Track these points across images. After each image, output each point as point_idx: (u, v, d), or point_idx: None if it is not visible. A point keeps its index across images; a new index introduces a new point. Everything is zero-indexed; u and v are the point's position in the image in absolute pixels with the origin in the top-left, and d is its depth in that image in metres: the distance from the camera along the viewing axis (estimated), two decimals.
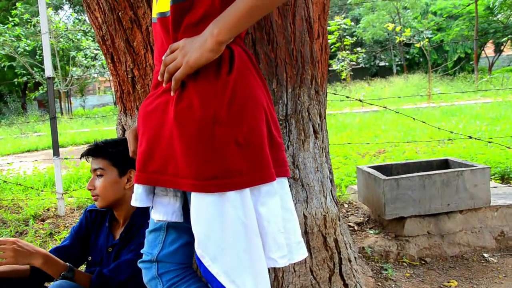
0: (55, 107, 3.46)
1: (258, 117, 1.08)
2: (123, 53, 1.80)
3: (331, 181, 1.93)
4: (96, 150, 1.67)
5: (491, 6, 19.33)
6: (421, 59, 26.34)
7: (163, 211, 1.18)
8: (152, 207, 1.21)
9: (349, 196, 3.30)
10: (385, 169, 2.97)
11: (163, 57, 1.10)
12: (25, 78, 16.65)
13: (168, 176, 1.09)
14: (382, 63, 28.42)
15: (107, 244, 1.75)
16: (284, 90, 1.68)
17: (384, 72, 27.02)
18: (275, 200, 1.11)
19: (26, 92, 25.33)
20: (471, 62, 24.91)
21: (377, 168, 2.93)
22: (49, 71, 3.46)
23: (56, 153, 3.57)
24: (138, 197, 1.16)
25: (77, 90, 27.65)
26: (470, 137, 2.96)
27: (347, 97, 3.14)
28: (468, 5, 22.51)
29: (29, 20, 15.48)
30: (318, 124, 1.81)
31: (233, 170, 1.03)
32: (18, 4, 16.61)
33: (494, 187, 3.05)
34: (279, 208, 1.12)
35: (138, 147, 1.17)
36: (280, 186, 1.17)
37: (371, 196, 2.78)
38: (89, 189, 1.69)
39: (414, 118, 3.19)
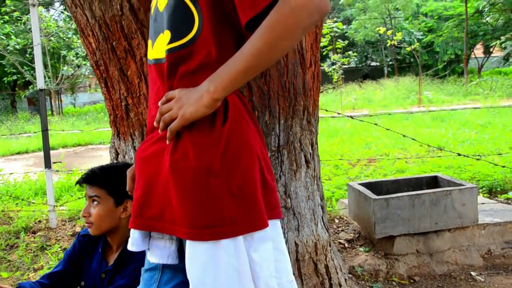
0: (46, 119, 3.45)
1: (251, 166, 1.10)
2: (117, 81, 1.81)
3: (322, 207, 1.96)
4: (93, 178, 1.66)
5: (480, 9, 19.51)
6: (412, 60, 26.57)
7: (159, 254, 1.20)
8: (148, 249, 1.23)
9: (340, 210, 3.34)
10: (375, 186, 3.01)
11: (159, 104, 1.12)
12: (14, 77, 16.50)
13: (164, 223, 1.11)
14: (373, 63, 28.58)
15: (100, 269, 1.75)
16: (277, 121, 1.70)
17: (375, 73, 27.18)
18: (268, 245, 1.13)
19: (16, 89, 25.10)
20: (461, 64, 25.15)
21: (367, 185, 2.97)
22: (41, 83, 3.45)
23: (47, 165, 3.56)
24: (135, 242, 1.18)
25: (67, 88, 27.45)
26: (459, 154, 3.01)
27: (338, 113, 3.17)
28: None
29: (19, 18, 15.34)
30: (310, 154, 1.84)
31: (227, 219, 1.05)
32: (7, 1, 16.45)
33: (482, 203, 3.10)
34: (271, 252, 1.15)
35: (134, 191, 1.19)
36: (273, 228, 1.19)
37: (361, 214, 2.82)
38: (84, 216, 1.69)
39: (404, 136, 3.23)
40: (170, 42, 1.10)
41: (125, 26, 1.66)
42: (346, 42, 12.09)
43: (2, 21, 14.84)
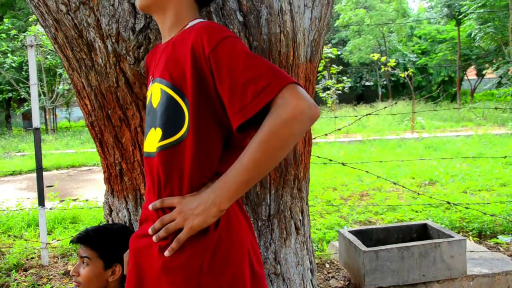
0: (41, 157, 3.47)
1: (241, 263, 1.14)
2: (112, 147, 1.84)
3: (312, 270, 1.99)
4: (86, 239, 1.70)
5: (472, 35, 19.86)
6: (406, 81, 26.89)
7: None
8: None
9: (331, 255, 3.36)
10: (365, 233, 3.05)
11: (151, 208, 1.15)
12: (10, 95, 16.51)
13: None
14: (368, 83, 28.85)
15: None
16: (268, 192, 1.74)
17: (369, 93, 27.42)
18: None
19: (11, 102, 25.06)
20: (454, 85, 25.46)
21: (358, 233, 3.01)
22: (36, 121, 3.48)
23: (41, 203, 3.57)
24: None
25: (62, 103, 27.42)
26: (448, 203, 3.05)
27: (330, 160, 3.22)
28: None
29: (16, 36, 15.42)
30: (300, 220, 1.87)
31: None
32: (5, 20, 16.55)
33: (471, 251, 3.14)
34: None
35: (127, 283, 1.22)
36: None
37: (351, 263, 2.84)
38: (73, 275, 1.71)
39: (394, 183, 3.27)
40: (161, 139, 1.15)
41: (121, 98, 1.70)
42: (341, 67, 12.19)
43: None
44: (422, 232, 3.11)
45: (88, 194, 6.63)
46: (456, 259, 2.72)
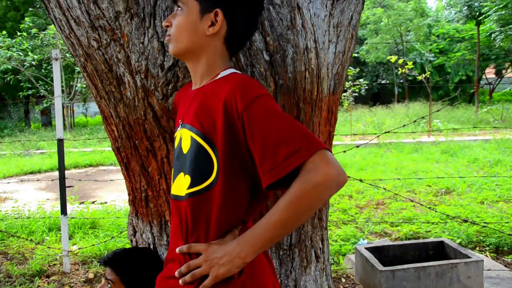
0: (64, 167, 3.56)
1: None
2: (138, 174, 1.90)
3: None
4: (112, 262, 1.78)
5: (492, 37, 19.57)
6: (423, 81, 26.60)
7: None
8: None
9: (347, 268, 3.40)
10: (382, 250, 3.08)
11: (177, 251, 1.20)
12: (30, 92, 16.79)
13: None
14: (384, 81, 28.60)
15: None
16: None
17: (385, 93, 27.17)
18: None
19: (30, 97, 25.44)
20: (472, 85, 25.14)
21: (374, 250, 3.03)
22: (60, 132, 3.57)
23: (63, 212, 3.67)
24: None
25: (80, 99, 27.74)
26: (466, 221, 3.06)
27: (349, 176, 3.24)
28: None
29: (36, 35, 15.66)
30: (320, 249, 1.91)
31: None
32: (26, 19, 16.82)
33: (488, 269, 3.14)
34: None
35: None
36: None
37: (368, 280, 2.87)
38: None
39: (412, 200, 3.29)
40: (190, 186, 1.20)
41: (148, 130, 1.75)
42: (358, 69, 12.15)
43: (20, 38, 15.14)
44: (439, 249, 3.12)
45: (106, 196, 6.75)
46: (473, 280, 2.74)
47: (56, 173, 9.42)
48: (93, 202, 6.28)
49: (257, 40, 1.56)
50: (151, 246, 2.02)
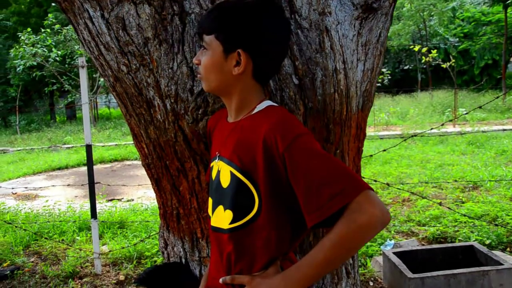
0: (93, 176, 3.63)
1: None
2: (169, 193, 1.93)
3: None
4: (145, 282, 1.83)
5: None
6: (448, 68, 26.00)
7: None
8: None
9: (374, 272, 3.39)
10: (410, 254, 3.06)
11: (221, 281, 1.23)
12: (55, 87, 17.10)
13: None
14: (406, 67, 28.09)
15: None
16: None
17: (408, 79, 26.70)
18: None
19: (55, 91, 25.94)
20: (499, 69, 24.49)
21: (402, 254, 3.02)
22: (88, 139, 3.64)
23: (94, 216, 3.75)
24: None
25: (102, 90, 28.12)
26: (496, 225, 3.02)
27: (375, 180, 3.23)
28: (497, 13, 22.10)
29: (59, 30, 15.89)
30: (351, 265, 1.92)
31: None
32: (49, 15, 17.06)
33: None
34: None
35: None
36: None
37: (396, 286, 2.87)
38: None
39: (440, 203, 3.24)
40: (232, 222, 1.22)
41: (179, 151, 1.78)
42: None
43: (44, 34, 15.40)
44: (469, 253, 3.09)
45: (132, 193, 6.87)
46: None
47: (83, 169, 9.65)
48: (120, 200, 6.40)
49: (286, 64, 1.56)
50: (183, 260, 2.06)
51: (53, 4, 19.44)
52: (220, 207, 1.27)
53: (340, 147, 1.77)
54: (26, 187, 7.18)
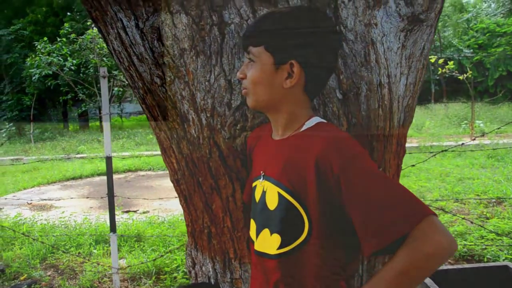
0: (113, 188, 3.58)
1: None
2: (201, 211, 1.86)
3: None
4: None
5: None
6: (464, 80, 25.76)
7: None
8: None
9: None
10: (440, 274, 2.94)
11: None
12: (69, 96, 17.22)
13: None
14: None
15: None
16: (360, 263, 1.70)
17: (421, 91, 26.49)
18: None
19: (68, 100, 26.13)
20: None
21: (432, 274, 2.90)
22: (108, 151, 3.59)
23: (113, 230, 3.69)
24: None
25: (115, 100, 28.24)
26: None
27: None
28: None
29: (75, 40, 16.03)
30: None
31: None
32: (65, 24, 17.24)
33: None
34: None
35: None
36: None
37: None
38: None
39: (471, 222, 3.13)
40: (280, 247, 1.14)
41: (213, 168, 1.70)
42: None
43: (60, 43, 15.54)
44: (503, 274, 2.96)
45: (148, 204, 6.81)
46: None
47: (97, 179, 9.63)
48: (136, 211, 6.34)
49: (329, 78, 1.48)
50: (212, 280, 1.98)
51: (68, 13, 19.68)
52: (266, 231, 1.20)
53: (382, 165, 1.69)
54: (43, 199, 7.15)
